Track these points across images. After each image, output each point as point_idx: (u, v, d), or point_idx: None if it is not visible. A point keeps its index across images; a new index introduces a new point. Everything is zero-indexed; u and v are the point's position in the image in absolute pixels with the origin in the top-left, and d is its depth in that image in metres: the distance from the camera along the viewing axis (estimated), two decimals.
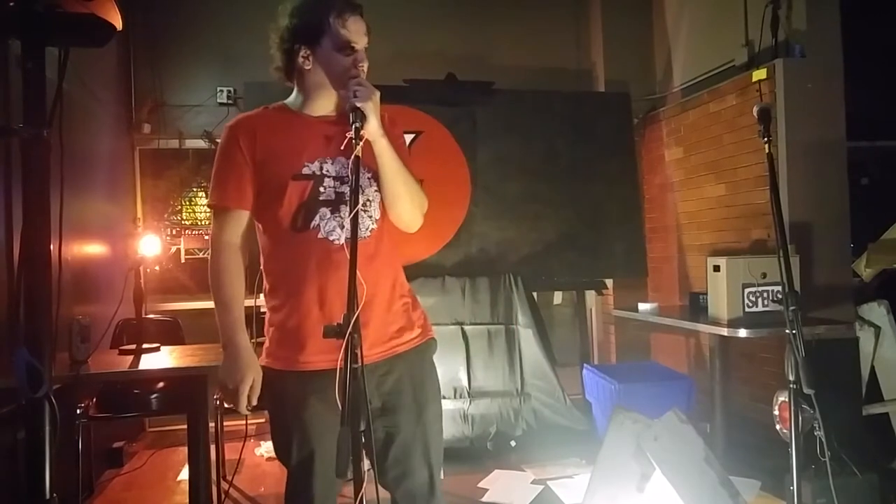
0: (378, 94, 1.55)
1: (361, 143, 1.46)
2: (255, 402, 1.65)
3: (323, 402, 1.57)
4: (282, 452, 1.69)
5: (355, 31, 1.64)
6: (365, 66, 1.66)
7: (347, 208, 1.54)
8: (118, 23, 1.46)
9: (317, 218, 1.63)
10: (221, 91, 4.66)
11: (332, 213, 1.63)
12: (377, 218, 1.70)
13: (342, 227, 1.61)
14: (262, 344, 1.73)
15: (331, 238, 1.62)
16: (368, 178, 1.67)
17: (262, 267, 1.73)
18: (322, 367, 1.57)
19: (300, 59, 1.66)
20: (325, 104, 1.71)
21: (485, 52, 5.08)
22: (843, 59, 3.62)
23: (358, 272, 1.32)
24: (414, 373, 1.72)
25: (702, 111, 4.34)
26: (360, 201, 1.64)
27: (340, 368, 1.24)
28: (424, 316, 1.82)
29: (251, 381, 1.62)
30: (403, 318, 1.74)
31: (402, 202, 1.67)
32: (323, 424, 1.58)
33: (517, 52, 5.12)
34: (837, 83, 3.62)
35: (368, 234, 1.67)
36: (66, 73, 1.41)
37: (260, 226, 1.72)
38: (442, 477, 1.77)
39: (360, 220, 1.63)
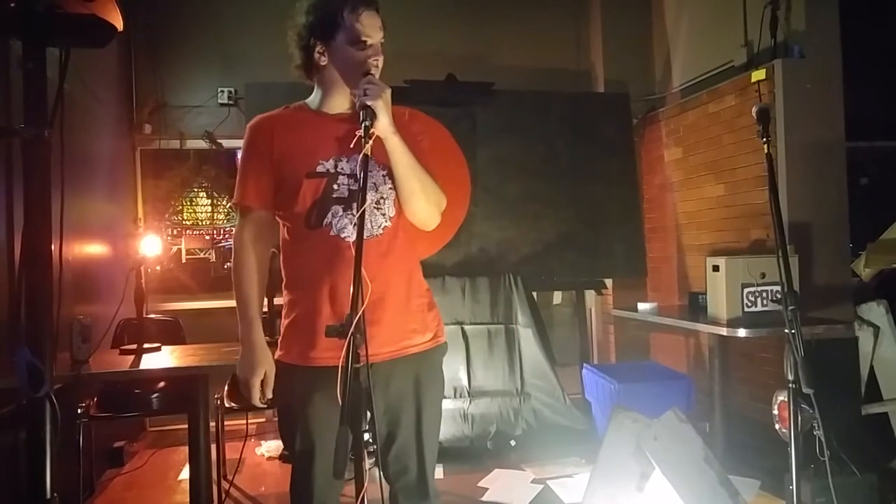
0: (389, 90, 1.55)
1: (371, 141, 1.47)
2: (268, 395, 1.69)
3: (328, 399, 1.57)
4: (287, 445, 1.74)
5: (369, 25, 1.64)
6: (380, 60, 1.66)
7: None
8: (119, 23, 1.46)
9: (329, 215, 1.64)
10: (222, 92, 4.67)
11: (345, 210, 1.64)
12: (391, 216, 1.70)
13: (354, 224, 1.61)
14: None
15: (342, 235, 1.63)
16: (383, 176, 1.68)
17: (280, 263, 1.75)
18: (331, 364, 1.56)
19: (316, 55, 1.68)
20: (341, 102, 1.73)
21: (485, 52, 5.08)
22: (841, 60, 3.62)
23: (365, 270, 1.32)
24: (421, 376, 1.73)
25: (701, 111, 4.34)
26: (374, 198, 1.66)
27: (342, 368, 1.26)
28: (438, 319, 1.81)
29: (262, 373, 1.66)
30: (419, 318, 1.74)
31: (417, 199, 1.67)
32: (326, 420, 1.59)
33: (517, 53, 5.13)
34: (836, 84, 3.62)
35: (381, 231, 1.67)
36: (67, 74, 1.41)
37: (280, 223, 1.74)
38: (442, 476, 1.79)
39: (372, 218, 1.65)
